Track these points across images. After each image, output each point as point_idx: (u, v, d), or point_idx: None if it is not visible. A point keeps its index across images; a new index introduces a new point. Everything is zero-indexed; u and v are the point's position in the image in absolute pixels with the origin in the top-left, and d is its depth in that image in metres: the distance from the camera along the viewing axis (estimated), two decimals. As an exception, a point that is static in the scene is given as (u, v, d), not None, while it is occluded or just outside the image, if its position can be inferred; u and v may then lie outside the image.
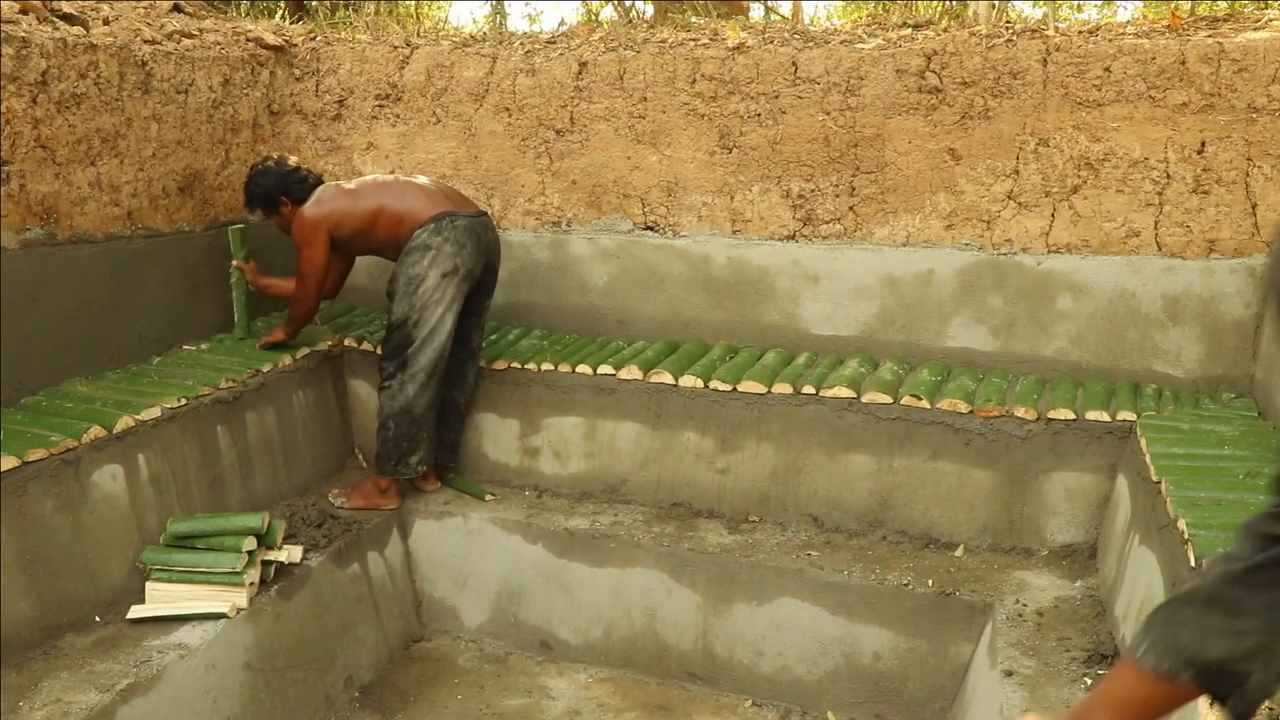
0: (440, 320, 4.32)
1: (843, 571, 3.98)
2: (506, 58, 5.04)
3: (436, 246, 4.27)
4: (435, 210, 4.33)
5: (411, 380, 4.36)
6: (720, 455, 4.46)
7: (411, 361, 4.34)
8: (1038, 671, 3.19)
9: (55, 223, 4.05)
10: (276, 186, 4.51)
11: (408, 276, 4.29)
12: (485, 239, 4.44)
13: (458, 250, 4.29)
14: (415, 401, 4.39)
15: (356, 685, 4.20)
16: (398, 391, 4.38)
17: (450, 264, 4.28)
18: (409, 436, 4.44)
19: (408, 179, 4.54)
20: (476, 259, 4.38)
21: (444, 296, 4.30)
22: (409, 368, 4.35)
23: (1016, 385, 4.27)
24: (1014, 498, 4.05)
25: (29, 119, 3.88)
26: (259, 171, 4.55)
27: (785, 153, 4.60)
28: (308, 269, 4.41)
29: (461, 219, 4.34)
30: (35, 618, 3.37)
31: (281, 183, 4.51)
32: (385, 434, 4.45)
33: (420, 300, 4.28)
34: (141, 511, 3.82)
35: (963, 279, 4.43)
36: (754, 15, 9.07)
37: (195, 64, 4.69)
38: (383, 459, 4.49)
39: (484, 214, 4.52)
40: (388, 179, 4.54)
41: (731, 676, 4.19)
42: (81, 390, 4.05)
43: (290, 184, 4.51)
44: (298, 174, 4.54)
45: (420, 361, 4.34)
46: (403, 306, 4.31)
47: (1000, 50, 4.25)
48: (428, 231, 4.28)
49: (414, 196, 4.39)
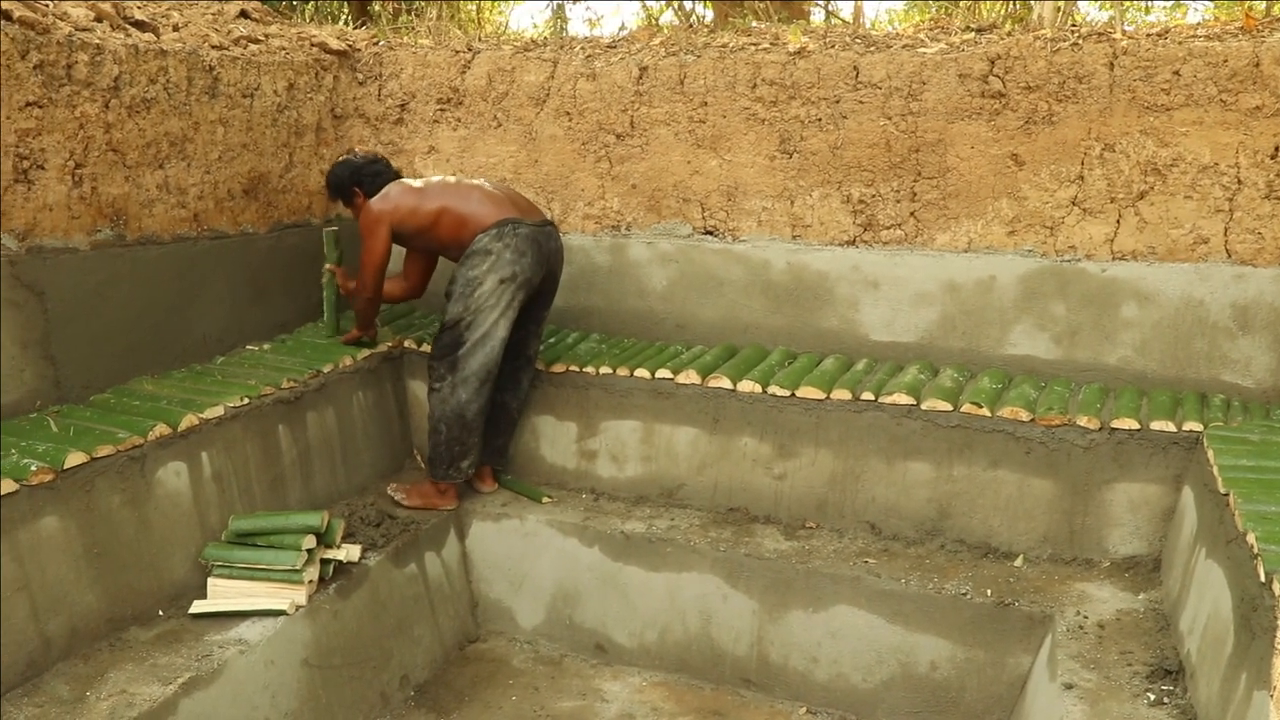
0: (494, 325, 4.32)
1: (900, 580, 3.95)
2: (567, 62, 5.07)
3: (497, 252, 4.27)
4: (499, 216, 4.32)
5: (463, 384, 4.38)
6: (777, 461, 4.44)
7: (462, 364, 4.36)
8: (1099, 685, 3.13)
9: (124, 224, 4.14)
10: (351, 177, 4.61)
11: (465, 279, 4.31)
12: (547, 248, 4.43)
13: (517, 258, 4.29)
14: (467, 406, 4.40)
15: (412, 684, 4.23)
16: (449, 395, 4.40)
17: (509, 270, 4.28)
18: (460, 440, 4.46)
19: (475, 182, 4.54)
20: (536, 268, 4.37)
21: (499, 302, 4.30)
22: (460, 370, 4.37)
23: (1079, 394, 4.20)
24: (1075, 508, 3.99)
25: (101, 123, 3.97)
26: (340, 161, 4.69)
27: (846, 158, 4.58)
28: (366, 259, 4.42)
29: (525, 227, 4.33)
30: (101, 610, 3.44)
31: (356, 174, 4.61)
32: (437, 437, 4.48)
33: (475, 303, 4.30)
34: (204, 508, 3.89)
35: (1025, 286, 4.37)
36: (815, 19, 9.04)
37: (261, 69, 4.76)
38: (435, 462, 4.53)
39: (549, 223, 4.52)
40: (455, 181, 4.54)
41: (786, 683, 4.17)
42: (148, 389, 4.13)
43: (363, 176, 4.60)
44: (374, 167, 4.63)
45: (472, 365, 4.35)
46: (457, 308, 4.34)
47: (1065, 54, 4.19)
48: (489, 237, 4.28)
49: (479, 200, 4.39)
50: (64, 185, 3.85)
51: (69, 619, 3.32)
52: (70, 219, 3.89)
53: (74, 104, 3.85)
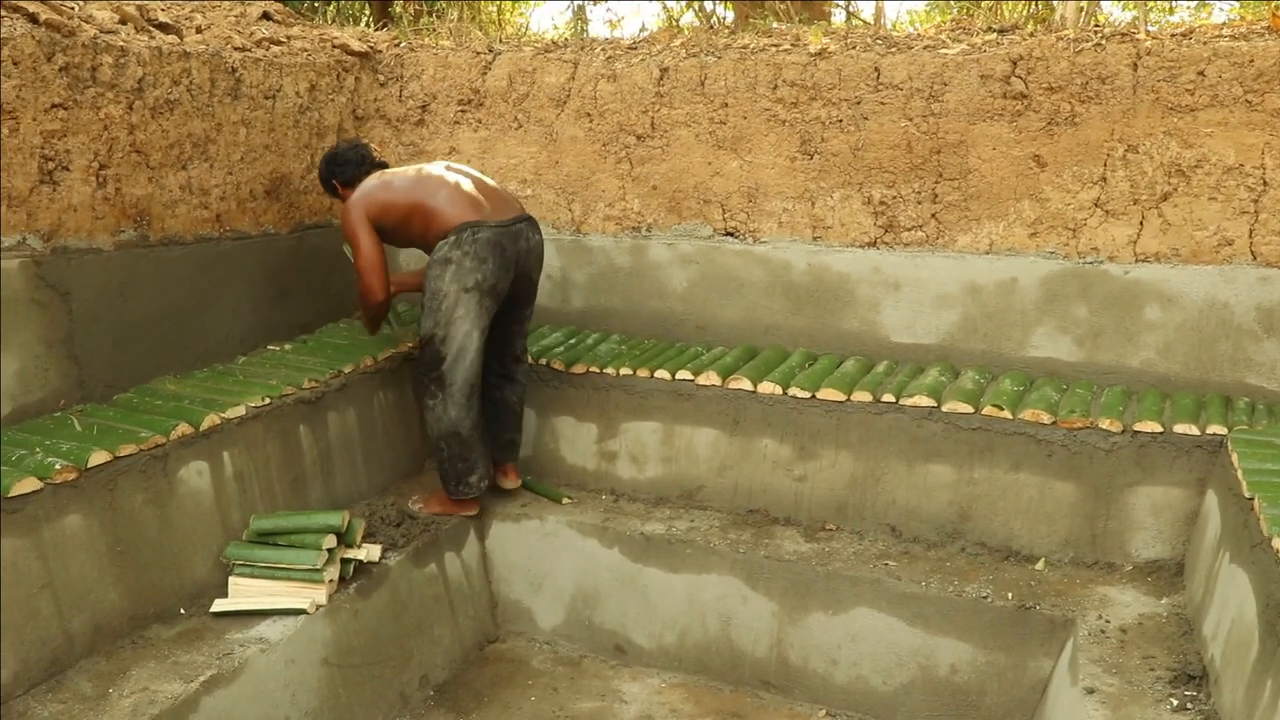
0: (466, 337, 4.23)
1: (920, 582, 3.93)
2: (588, 63, 5.07)
3: (457, 261, 4.15)
4: (460, 219, 4.19)
5: (452, 402, 4.29)
6: (798, 463, 4.44)
7: (448, 380, 4.27)
8: (1121, 690, 3.11)
9: (148, 225, 4.16)
10: (326, 169, 4.63)
11: (431, 290, 4.22)
12: (514, 250, 4.28)
13: (478, 265, 4.16)
14: (460, 423, 4.32)
15: (431, 684, 4.24)
16: (442, 414, 4.32)
17: (471, 279, 4.16)
18: (463, 457, 4.39)
19: (445, 176, 4.37)
20: (500, 273, 4.23)
21: (467, 312, 4.19)
22: (447, 387, 4.28)
23: (1101, 397, 4.18)
24: (1097, 511, 3.97)
25: (125, 125, 4.00)
26: (324, 156, 4.69)
27: (867, 159, 4.57)
28: (358, 262, 4.33)
29: (486, 229, 4.19)
30: (124, 608, 3.46)
31: (329, 165, 4.61)
32: (440, 455, 4.42)
33: (444, 316, 4.20)
34: (226, 507, 3.91)
35: (1047, 288, 4.35)
36: (835, 20, 9.03)
37: (283, 70, 4.79)
38: (446, 480, 4.48)
39: (521, 219, 4.37)
40: (425, 173, 4.39)
41: (805, 686, 4.16)
42: (170, 388, 4.15)
43: (335, 166, 4.59)
44: (345, 155, 4.59)
45: (456, 381, 4.27)
46: (429, 322, 4.25)
47: (1088, 54, 4.17)
48: (449, 244, 4.17)
49: (446, 199, 4.26)
50: (88, 186, 3.88)
51: (92, 616, 3.34)
52: (94, 220, 3.92)
53: (98, 106, 3.87)
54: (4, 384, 3.60)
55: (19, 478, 3.13)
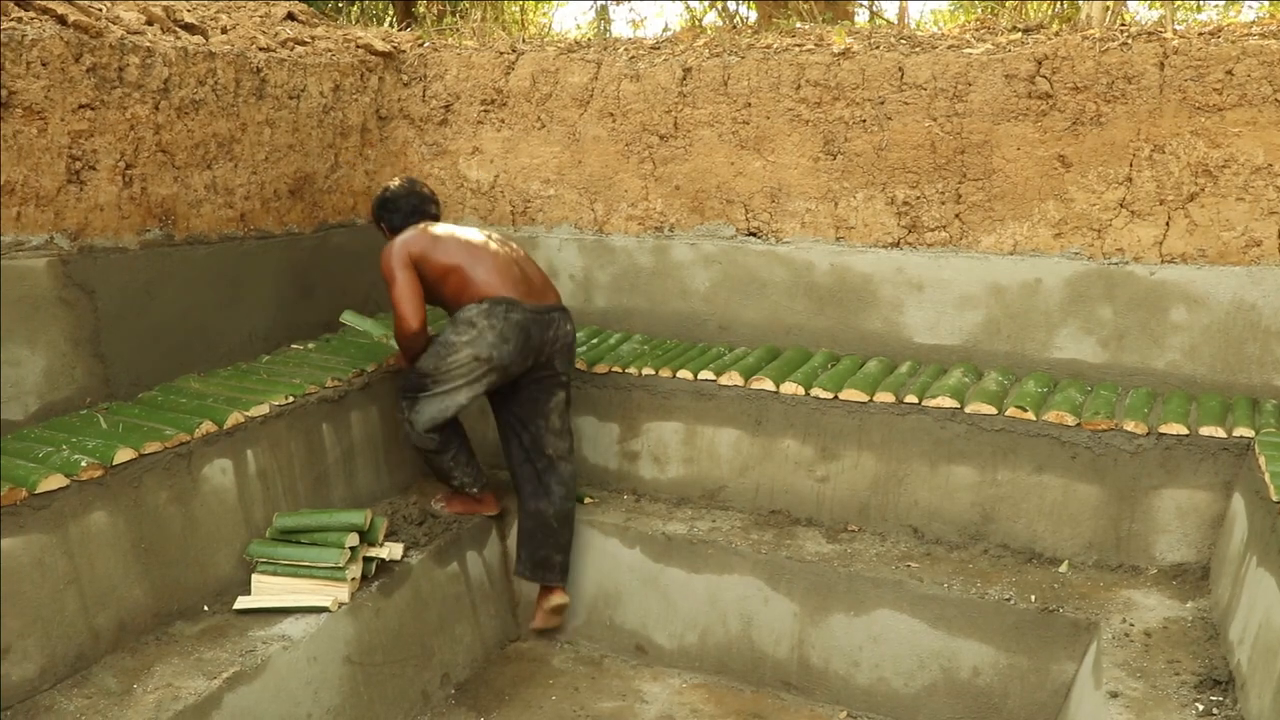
0: (454, 392, 4.19)
1: (943, 584, 3.92)
2: (611, 63, 5.08)
3: (480, 330, 4.12)
4: (496, 292, 4.17)
5: (416, 433, 4.27)
6: (820, 463, 4.43)
7: (419, 408, 4.24)
8: (1145, 694, 3.09)
9: (173, 224, 4.19)
10: (375, 210, 4.55)
11: (445, 340, 4.17)
12: (540, 337, 4.25)
13: (499, 342, 4.12)
14: (424, 440, 4.29)
15: (453, 682, 4.26)
16: (410, 431, 4.29)
17: (486, 351, 4.12)
18: (437, 467, 4.43)
19: (492, 246, 4.33)
20: (517, 357, 4.19)
21: (467, 376, 4.17)
22: (416, 411, 4.25)
23: (1126, 398, 4.15)
24: (1122, 514, 3.94)
25: (151, 124, 4.02)
26: (381, 191, 4.56)
27: (890, 159, 4.55)
28: (394, 292, 4.18)
29: (519, 311, 4.16)
30: (149, 604, 3.49)
31: (380, 205, 4.52)
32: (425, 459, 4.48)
33: (446, 366, 4.16)
34: (249, 505, 3.93)
35: (1071, 289, 4.32)
36: (859, 20, 9.00)
37: (307, 70, 4.81)
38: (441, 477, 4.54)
39: (556, 308, 4.33)
40: (477, 240, 4.32)
41: (827, 687, 4.15)
42: (194, 386, 4.18)
43: (384, 210, 4.50)
44: (396, 203, 4.47)
45: (425, 412, 4.23)
46: (429, 363, 4.19)
47: (1114, 54, 4.14)
48: (479, 310, 4.13)
49: (488, 269, 4.22)
50: (114, 186, 3.91)
51: (117, 613, 3.37)
52: (120, 219, 3.95)
53: (125, 106, 3.90)
54: (31, 382, 3.64)
55: (46, 474, 3.15)
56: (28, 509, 3.09)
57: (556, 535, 4.44)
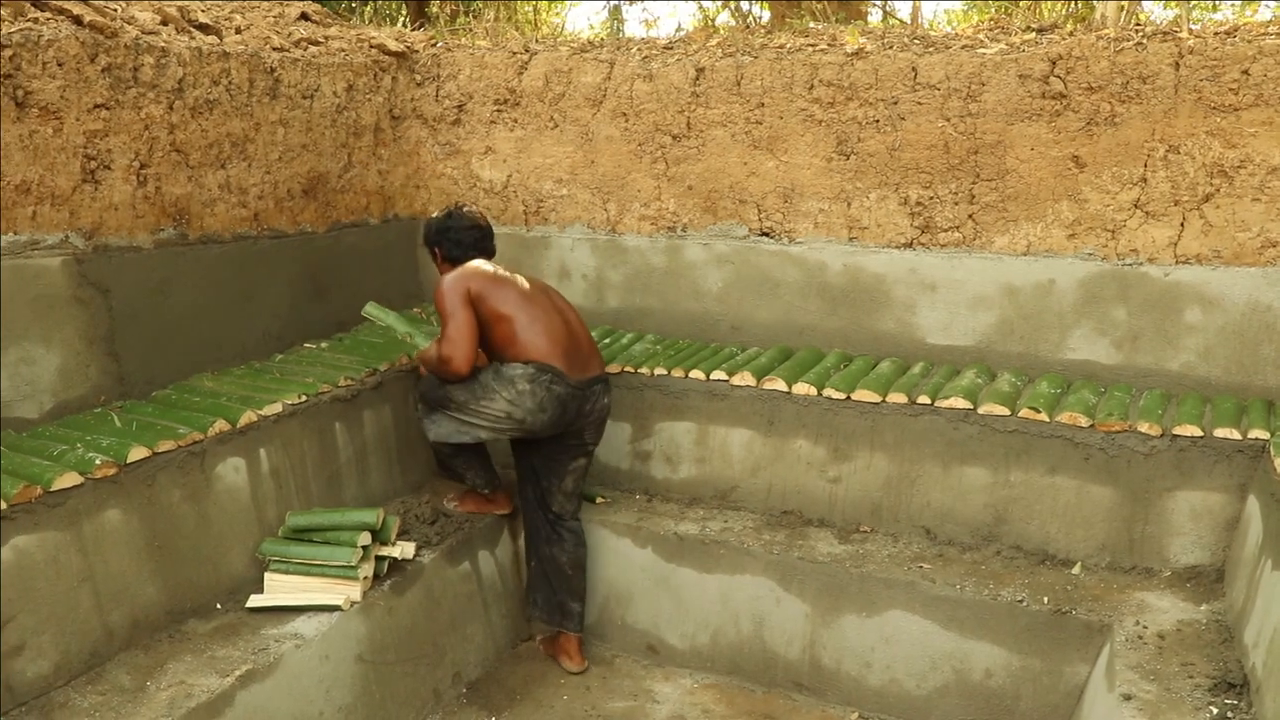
0: (474, 429, 4.13)
1: (955, 585, 3.91)
2: (624, 63, 5.08)
3: (522, 392, 4.00)
4: (545, 358, 4.04)
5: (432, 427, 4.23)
6: (832, 464, 4.42)
7: (437, 420, 4.20)
8: (1159, 697, 3.08)
9: (187, 223, 4.21)
10: (432, 235, 4.37)
11: (485, 384, 4.06)
12: (575, 412, 4.15)
13: (537, 410, 4.02)
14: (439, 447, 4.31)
15: (464, 681, 4.26)
16: (429, 428, 4.24)
17: (521, 414, 4.02)
18: (449, 468, 4.46)
19: (547, 303, 4.22)
20: (549, 427, 4.11)
21: (493, 425, 4.09)
22: (433, 421, 4.21)
23: (1140, 400, 4.14)
24: (1135, 516, 3.93)
25: (165, 124, 4.04)
26: (442, 211, 4.41)
27: (904, 159, 4.54)
28: (449, 329, 4.02)
29: (563, 385, 4.05)
30: (162, 602, 3.51)
31: (440, 233, 4.34)
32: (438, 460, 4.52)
33: (477, 408, 4.07)
34: (262, 504, 3.94)
35: (1085, 289, 4.31)
36: (872, 19, 8.98)
37: (321, 70, 4.82)
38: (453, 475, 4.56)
39: (595, 382, 4.22)
40: (532, 293, 4.19)
41: (838, 688, 4.14)
42: (208, 385, 4.19)
43: (444, 238, 4.32)
44: (458, 235, 4.31)
45: (441, 429, 4.20)
46: (462, 395, 4.10)
47: (1129, 54, 4.13)
48: (528, 374, 4.00)
49: (541, 330, 4.09)
50: (129, 185, 3.92)
51: (131, 610, 3.38)
52: (135, 218, 3.97)
53: (140, 105, 3.92)
54: (46, 380, 3.66)
55: (60, 472, 3.17)
56: (42, 506, 3.11)
57: (570, 582, 4.41)
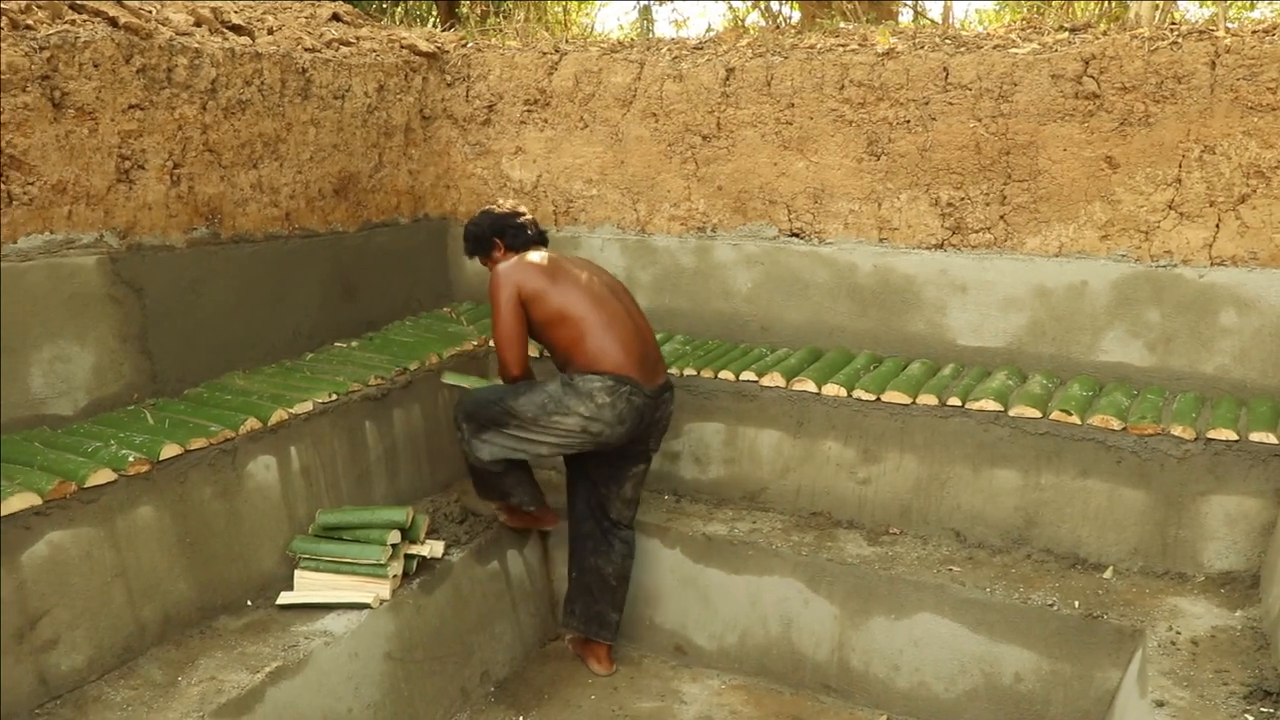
0: (536, 445, 3.97)
1: (985, 588, 3.88)
2: (654, 64, 5.08)
3: (600, 405, 3.85)
4: (622, 368, 3.89)
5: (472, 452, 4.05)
6: (862, 466, 4.40)
7: (488, 439, 4.01)
8: (1192, 704, 3.05)
9: (219, 223, 4.24)
10: (493, 225, 4.21)
11: (556, 398, 3.89)
12: (649, 418, 4.03)
13: (615, 423, 3.89)
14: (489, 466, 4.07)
15: (492, 680, 4.27)
16: (467, 450, 4.08)
17: (598, 427, 3.88)
18: (494, 487, 4.21)
19: (614, 304, 4.05)
20: (624, 438, 3.98)
21: (565, 440, 3.95)
22: (481, 441, 4.02)
23: (1173, 403, 4.10)
24: (1168, 520, 3.89)
25: (198, 124, 4.07)
26: (480, 213, 4.31)
27: (935, 160, 4.52)
28: (499, 337, 3.98)
29: (640, 395, 3.92)
30: (193, 598, 3.53)
31: (498, 224, 4.21)
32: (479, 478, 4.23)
33: (547, 423, 3.91)
34: (292, 501, 3.96)
35: (1118, 291, 4.27)
36: (903, 19, 8.94)
37: (352, 70, 4.85)
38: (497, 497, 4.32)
39: (665, 389, 4.12)
40: (595, 284, 4.06)
41: (866, 690, 4.12)
42: (239, 383, 4.22)
43: (506, 228, 4.20)
44: (518, 219, 4.21)
45: (494, 448, 4.02)
46: (530, 410, 3.92)
47: (1164, 53, 4.09)
48: (605, 387, 3.85)
49: (614, 337, 3.93)
50: (163, 185, 3.96)
51: (162, 606, 3.41)
52: (168, 217, 4.00)
53: (173, 106, 3.95)
54: (81, 377, 3.69)
55: (95, 469, 3.20)
56: (77, 503, 3.14)
57: (614, 593, 4.31)
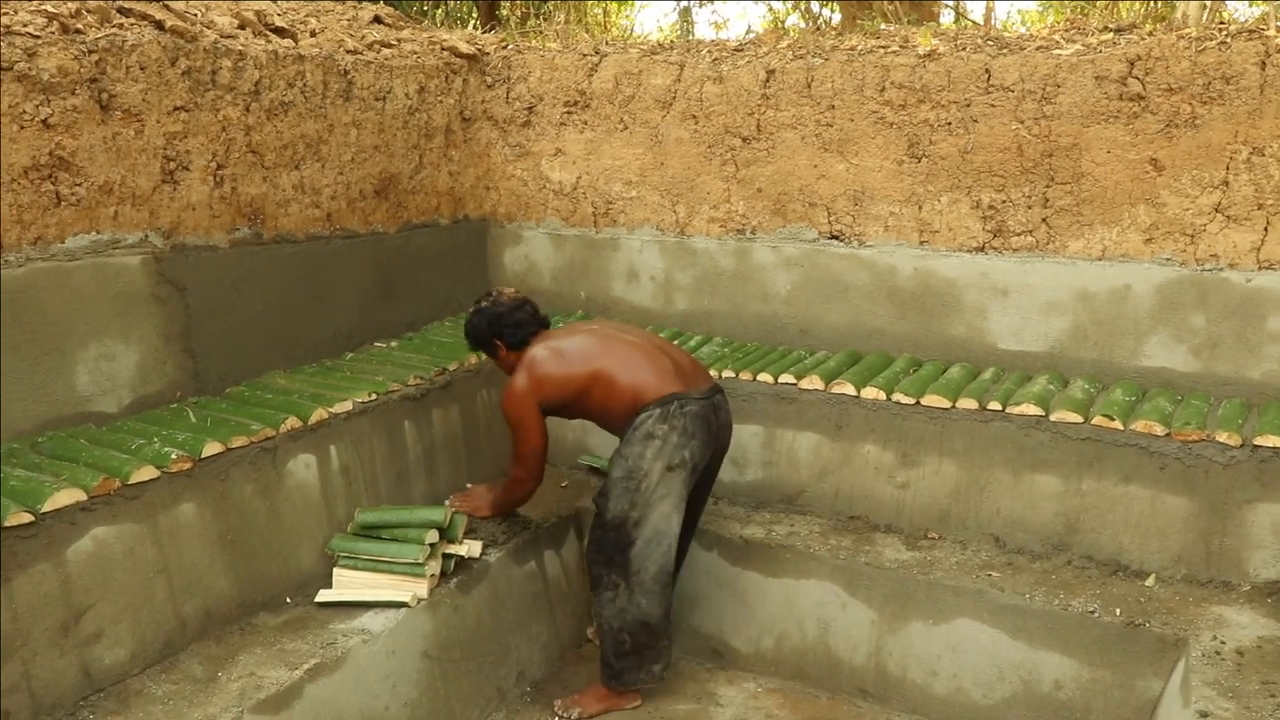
0: (665, 519, 3.80)
1: (1024, 594, 3.85)
2: (694, 65, 5.07)
3: (663, 436, 3.74)
4: (664, 390, 3.79)
5: (642, 591, 3.84)
6: (900, 469, 4.38)
7: (637, 569, 3.82)
8: (1237, 716, 3.00)
9: (261, 223, 4.28)
10: (490, 328, 4.11)
11: (627, 469, 3.77)
12: (716, 424, 3.92)
13: (686, 441, 3.76)
14: (650, 613, 3.86)
15: (528, 680, 4.28)
16: (627, 604, 3.86)
17: (678, 456, 3.75)
18: (650, 646, 3.95)
19: (629, 337, 4.01)
20: (704, 450, 3.86)
21: (669, 492, 3.77)
22: (634, 575, 3.83)
23: (1219, 409, 4.04)
24: (1213, 528, 3.83)
25: (242, 126, 4.11)
26: (475, 312, 4.17)
27: (976, 162, 4.48)
28: (524, 450, 3.97)
29: (692, 403, 3.80)
30: (233, 595, 3.57)
31: (496, 324, 4.09)
32: (621, 646, 3.94)
33: (642, 498, 3.76)
34: (331, 500, 3.99)
35: (1162, 295, 4.22)
36: (944, 21, 8.88)
37: (393, 72, 4.88)
38: (621, 672, 4.00)
39: (716, 390, 3.98)
40: (605, 335, 4.02)
41: (903, 696, 4.10)
42: (280, 382, 4.26)
43: (504, 326, 4.07)
44: (515, 316, 4.08)
45: (649, 569, 3.82)
46: (622, 503, 3.79)
47: (1212, 53, 4.03)
48: (654, 417, 3.75)
49: (639, 365, 3.85)
50: (206, 186, 4.00)
51: (203, 602, 3.45)
52: (211, 218, 4.05)
53: (217, 108, 3.99)
54: (125, 375, 3.74)
55: (138, 466, 3.24)
56: (120, 499, 3.18)
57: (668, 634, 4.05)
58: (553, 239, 5.60)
